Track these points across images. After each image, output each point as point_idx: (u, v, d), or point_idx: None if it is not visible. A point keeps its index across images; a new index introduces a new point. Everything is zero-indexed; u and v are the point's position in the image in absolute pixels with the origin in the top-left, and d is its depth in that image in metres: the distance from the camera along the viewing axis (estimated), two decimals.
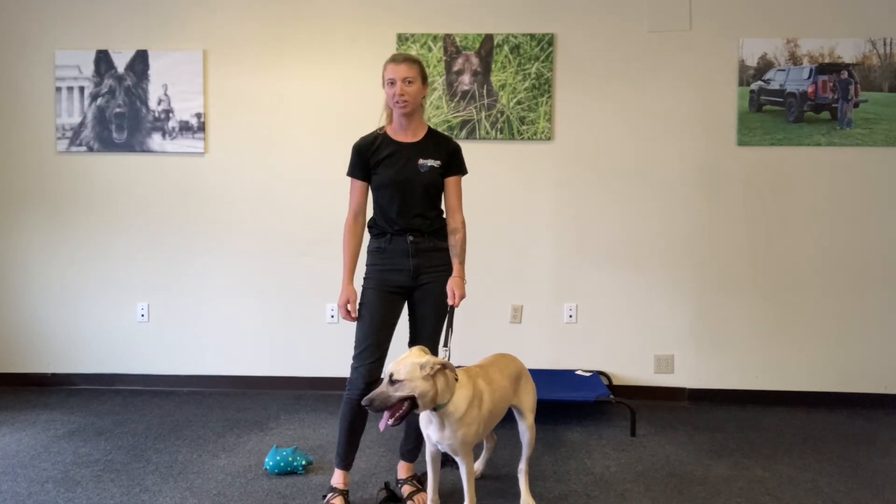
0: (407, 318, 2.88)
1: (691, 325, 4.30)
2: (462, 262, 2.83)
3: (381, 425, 2.38)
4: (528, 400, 2.80)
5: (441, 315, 2.84)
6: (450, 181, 2.86)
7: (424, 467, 3.07)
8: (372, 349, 2.73)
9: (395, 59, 2.76)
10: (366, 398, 2.36)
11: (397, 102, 2.73)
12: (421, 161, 2.78)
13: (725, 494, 2.93)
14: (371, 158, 2.79)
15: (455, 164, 2.87)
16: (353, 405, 2.74)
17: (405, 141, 2.81)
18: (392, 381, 2.37)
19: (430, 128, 2.89)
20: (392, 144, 2.80)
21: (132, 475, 3.07)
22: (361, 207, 2.84)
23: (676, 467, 3.23)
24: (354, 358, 2.76)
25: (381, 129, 2.85)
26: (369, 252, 2.86)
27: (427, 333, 2.82)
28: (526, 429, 2.80)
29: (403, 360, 2.41)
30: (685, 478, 3.10)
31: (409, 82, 2.73)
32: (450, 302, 2.76)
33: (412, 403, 2.38)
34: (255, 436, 3.60)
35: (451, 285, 2.77)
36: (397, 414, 2.37)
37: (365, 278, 2.85)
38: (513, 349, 4.29)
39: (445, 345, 2.65)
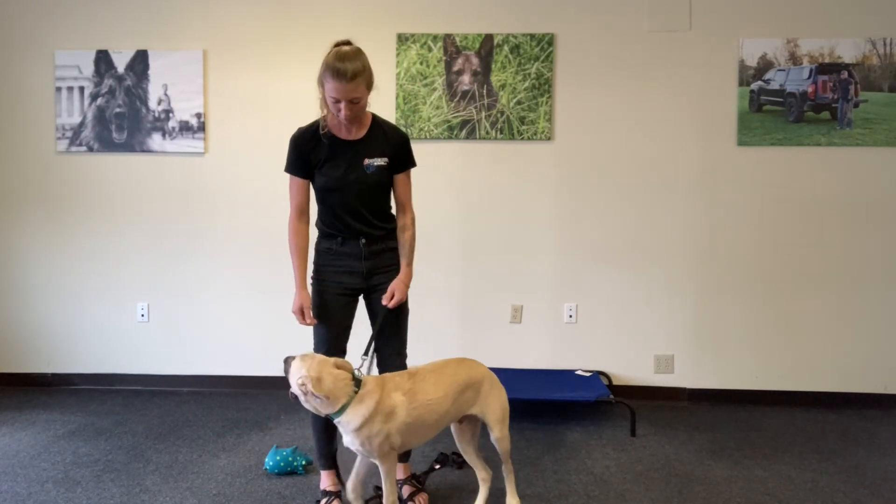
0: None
1: (691, 325, 4.30)
2: (410, 264, 2.68)
3: None
4: (493, 410, 2.54)
5: (401, 313, 2.72)
6: (399, 177, 2.67)
7: (423, 467, 3.08)
8: (332, 352, 2.65)
9: (338, 76, 2.38)
10: (288, 357, 2.42)
11: (342, 119, 2.50)
12: (367, 161, 2.57)
13: (725, 494, 2.93)
14: (311, 156, 2.58)
15: (403, 159, 2.66)
16: None
17: (348, 139, 2.58)
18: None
19: (374, 117, 2.64)
20: (334, 143, 2.57)
21: (132, 475, 3.07)
22: (305, 205, 2.66)
23: (676, 467, 3.23)
24: None
25: (322, 119, 2.59)
26: (318, 252, 2.72)
27: (389, 333, 2.71)
28: (496, 441, 2.57)
29: (302, 362, 2.36)
30: (685, 478, 3.10)
31: (355, 102, 2.44)
32: (384, 302, 2.62)
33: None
34: (255, 436, 3.60)
35: (393, 287, 2.63)
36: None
37: (314, 279, 2.73)
38: (513, 349, 4.30)
39: (366, 354, 2.57)
